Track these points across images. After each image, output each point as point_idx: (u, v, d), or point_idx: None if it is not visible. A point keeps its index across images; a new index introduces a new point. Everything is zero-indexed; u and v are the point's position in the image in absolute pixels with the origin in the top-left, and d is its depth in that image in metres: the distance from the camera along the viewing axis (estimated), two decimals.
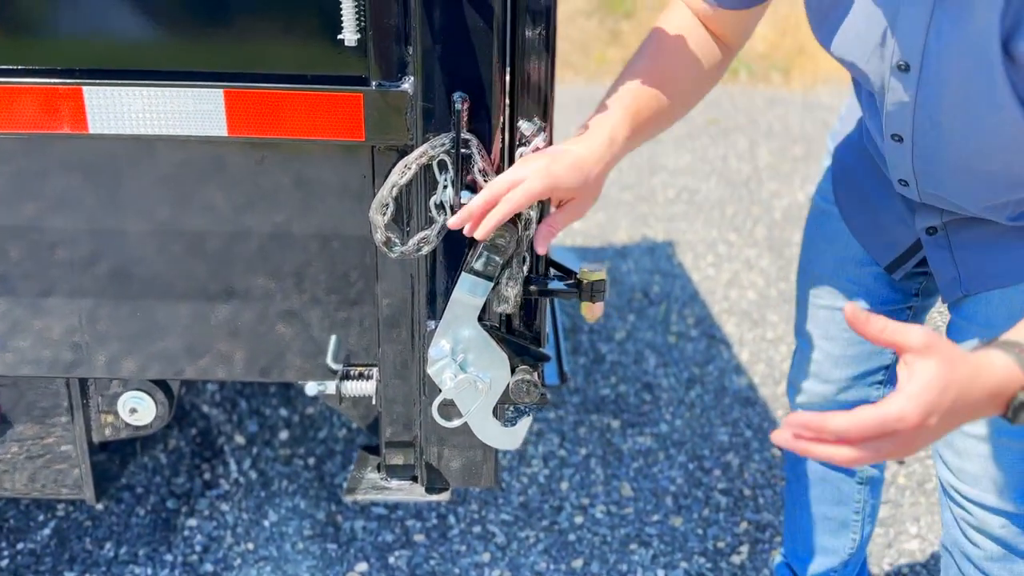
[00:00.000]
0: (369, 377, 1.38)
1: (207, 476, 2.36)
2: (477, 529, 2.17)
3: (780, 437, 0.87)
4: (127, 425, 1.48)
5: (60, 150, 1.26)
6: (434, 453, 1.39)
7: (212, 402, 2.70)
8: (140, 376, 1.41)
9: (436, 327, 1.27)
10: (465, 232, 1.14)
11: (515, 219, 1.19)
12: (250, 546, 2.10)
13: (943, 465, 1.39)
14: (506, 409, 1.33)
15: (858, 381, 1.50)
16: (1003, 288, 1.27)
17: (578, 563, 2.07)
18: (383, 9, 1.15)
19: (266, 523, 2.18)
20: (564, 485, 2.35)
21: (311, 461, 2.40)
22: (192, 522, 2.17)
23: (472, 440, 1.35)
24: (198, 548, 2.09)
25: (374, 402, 1.38)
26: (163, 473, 2.36)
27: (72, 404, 1.45)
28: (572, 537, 2.16)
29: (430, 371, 1.26)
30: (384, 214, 1.19)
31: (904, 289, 1.44)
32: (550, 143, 1.23)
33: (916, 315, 1.48)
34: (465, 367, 1.28)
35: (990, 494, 1.32)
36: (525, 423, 1.35)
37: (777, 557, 1.76)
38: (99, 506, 2.21)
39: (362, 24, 1.15)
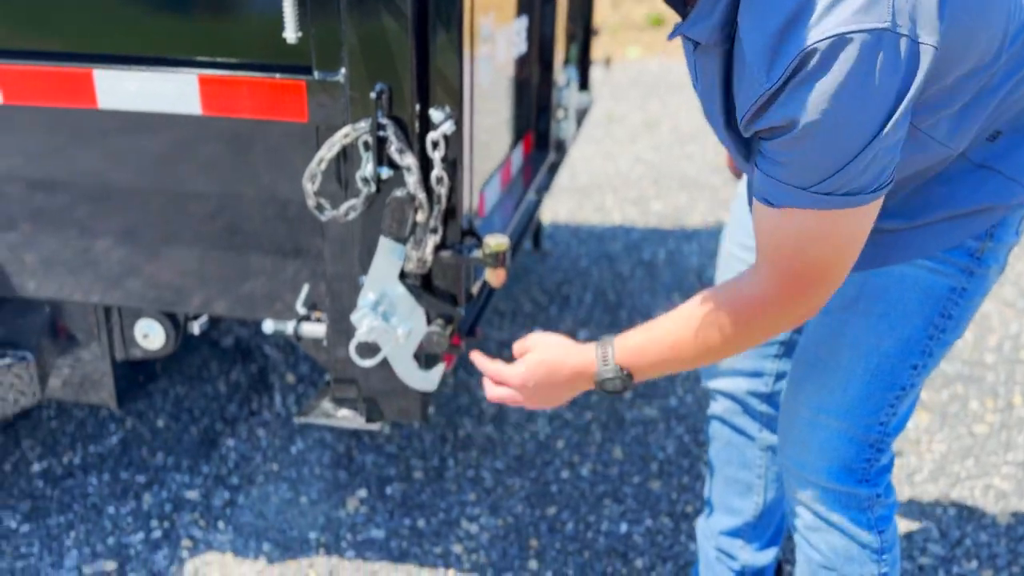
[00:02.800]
0: (323, 321, 1.64)
1: (254, 406, 2.70)
2: (471, 473, 2.41)
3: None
4: (142, 348, 1.81)
5: (76, 121, 1.57)
6: (371, 389, 1.63)
7: (274, 344, 3.05)
8: (147, 307, 1.72)
9: (366, 280, 1.51)
10: None
11: (412, 196, 1.40)
12: (274, 467, 2.43)
13: (780, 444, 1.52)
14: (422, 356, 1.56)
15: (754, 352, 1.64)
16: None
17: (552, 510, 2.27)
18: (320, 15, 1.39)
19: (293, 450, 2.50)
20: (560, 443, 2.55)
21: None
22: (231, 442, 2.52)
23: (399, 381, 1.58)
24: (231, 464, 2.43)
25: (324, 344, 1.64)
26: (220, 400, 2.73)
27: (99, 326, 1.79)
28: (554, 488, 2.36)
29: (352, 318, 1.50)
30: (313, 183, 1.43)
31: None
32: (459, 129, 1.43)
33: None
34: (388, 317, 1.51)
35: (806, 468, 1.43)
36: (439, 369, 1.57)
37: (700, 519, 1.90)
38: (160, 423, 2.60)
39: (303, 25, 1.39)
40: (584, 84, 3.62)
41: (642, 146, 6.08)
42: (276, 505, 2.28)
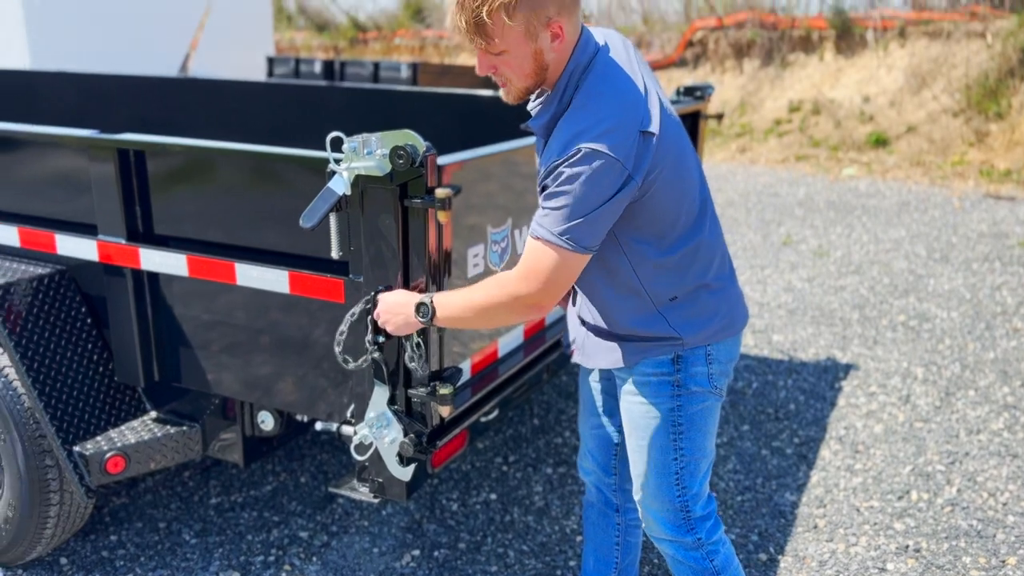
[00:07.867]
0: (354, 426, 2.49)
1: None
2: (500, 551, 3.13)
3: None
4: (260, 429, 2.78)
5: (226, 294, 2.58)
6: (377, 475, 2.45)
7: None
8: (262, 403, 2.68)
9: (369, 404, 2.36)
10: None
11: (386, 364, 2.23)
12: (365, 523, 3.30)
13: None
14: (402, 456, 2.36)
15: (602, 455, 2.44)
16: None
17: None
18: (353, 244, 2.28)
19: (383, 512, 3.37)
20: (580, 537, 3.19)
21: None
22: (341, 500, 3.44)
23: (390, 474, 2.39)
24: (336, 516, 3.34)
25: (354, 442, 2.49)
26: (347, 468, 3.67)
27: (238, 412, 2.78)
28: (557, 574, 3.01)
29: (357, 427, 2.34)
30: (339, 344, 2.31)
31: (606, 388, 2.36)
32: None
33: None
34: (381, 429, 2.34)
35: (651, 528, 2.20)
36: (412, 467, 2.36)
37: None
38: (302, 479, 3.59)
39: (343, 248, 2.28)
40: None
41: (800, 274, 6.44)
42: (356, 551, 3.14)
